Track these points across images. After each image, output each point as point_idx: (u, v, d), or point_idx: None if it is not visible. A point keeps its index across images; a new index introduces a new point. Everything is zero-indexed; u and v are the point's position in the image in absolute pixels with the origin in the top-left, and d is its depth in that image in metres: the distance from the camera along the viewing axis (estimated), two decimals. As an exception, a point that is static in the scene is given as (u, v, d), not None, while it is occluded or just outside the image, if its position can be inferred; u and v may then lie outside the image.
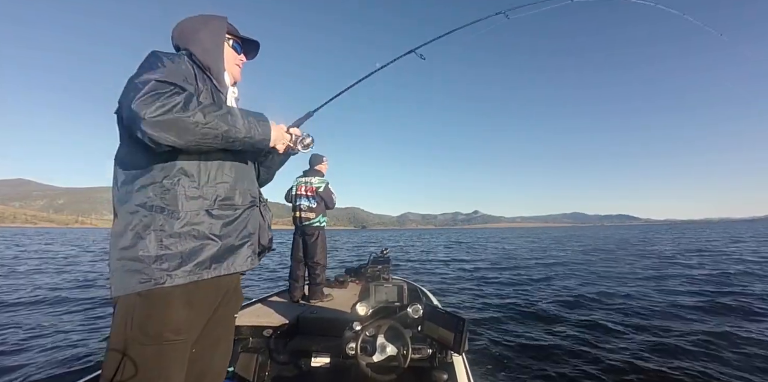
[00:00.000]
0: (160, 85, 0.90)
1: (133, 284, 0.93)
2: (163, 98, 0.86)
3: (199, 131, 0.91)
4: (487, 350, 3.75)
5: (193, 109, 0.89)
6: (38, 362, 3.44)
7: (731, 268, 9.36)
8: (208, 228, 1.02)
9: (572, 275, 8.93)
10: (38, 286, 7.68)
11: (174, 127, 0.87)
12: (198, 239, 1.00)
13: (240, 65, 1.28)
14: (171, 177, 0.99)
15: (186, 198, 0.99)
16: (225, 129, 0.95)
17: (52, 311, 5.49)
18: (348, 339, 1.83)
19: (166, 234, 0.96)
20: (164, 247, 0.95)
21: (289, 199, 3.78)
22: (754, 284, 7.21)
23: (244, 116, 1.01)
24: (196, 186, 1.02)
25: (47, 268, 11.04)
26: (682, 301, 5.79)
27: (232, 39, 1.24)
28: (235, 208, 1.10)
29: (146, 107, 0.84)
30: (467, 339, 1.67)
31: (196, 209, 1.01)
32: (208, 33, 1.15)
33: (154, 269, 0.93)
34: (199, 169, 1.04)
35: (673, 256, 13.47)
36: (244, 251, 1.12)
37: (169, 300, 0.96)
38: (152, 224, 0.95)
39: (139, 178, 0.99)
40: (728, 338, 3.93)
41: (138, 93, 0.86)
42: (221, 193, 1.07)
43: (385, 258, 4.32)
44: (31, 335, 4.27)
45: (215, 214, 1.04)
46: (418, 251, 19.56)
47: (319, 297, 3.47)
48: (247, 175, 1.19)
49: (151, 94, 0.86)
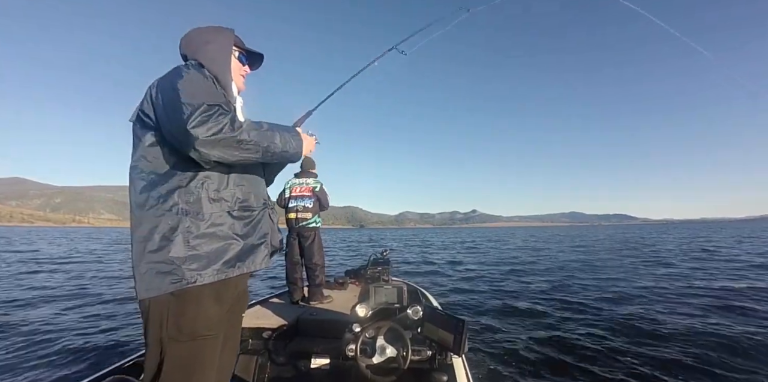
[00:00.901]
0: (210, 107, 0.97)
1: (166, 284, 0.98)
2: (212, 119, 0.95)
3: (244, 148, 1.01)
4: (487, 351, 3.75)
5: (239, 129, 0.99)
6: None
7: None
8: (231, 228, 1.08)
9: (574, 277, 8.93)
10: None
11: (224, 145, 0.97)
12: (223, 239, 1.06)
13: (244, 76, 1.33)
14: (195, 182, 1.05)
15: (209, 201, 1.06)
16: (266, 145, 1.06)
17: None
18: (348, 341, 1.83)
19: (193, 236, 1.01)
20: (192, 248, 1.01)
21: (282, 202, 3.77)
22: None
23: (280, 132, 1.11)
24: (217, 189, 1.08)
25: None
26: (691, 302, 5.75)
27: (238, 51, 1.30)
28: (252, 209, 1.17)
29: (200, 129, 0.93)
30: (467, 341, 1.68)
31: (219, 210, 1.07)
32: (217, 45, 1.20)
33: (185, 270, 0.99)
34: (220, 175, 1.10)
35: (678, 256, 13.50)
36: (263, 250, 1.18)
37: (201, 298, 1.01)
38: (179, 226, 1.01)
39: (164, 184, 1.04)
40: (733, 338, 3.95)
41: (191, 115, 0.93)
42: (240, 195, 1.13)
43: (385, 260, 4.32)
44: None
45: (236, 215, 1.11)
46: (416, 252, 19.53)
47: (319, 299, 3.48)
48: (259, 179, 1.26)
49: (204, 116, 0.94)
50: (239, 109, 1.27)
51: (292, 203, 3.72)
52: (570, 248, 20.28)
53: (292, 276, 3.62)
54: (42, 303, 6.05)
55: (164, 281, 0.98)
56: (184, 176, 1.05)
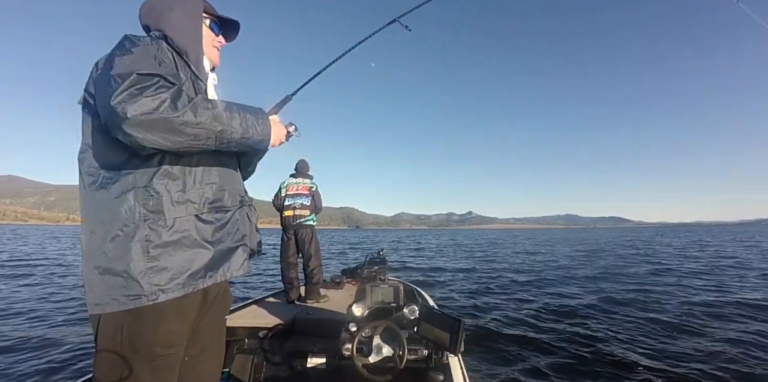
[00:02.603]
0: (143, 78, 0.79)
1: (121, 301, 0.84)
2: (147, 93, 0.76)
3: (190, 132, 0.81)
4: (483, 350, 3.76)
5: (182, 108, 0.79)
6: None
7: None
8: (199, 234, 0.93)
9: (571, 277, 8.98)
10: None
11: (161, 128, 0.77)
12: (189, 248, 0.91)
13: (218, 48, 1.16)
14: (154, 181, 0.88)
15: (172, 203, 0.90)
16: (219, 129, 0.85)
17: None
18: (344, 340, 1.83)
19: (153, 245, 0.86)
20: (152, 259, 0.86)
21: (279, 201, 3.77)
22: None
23: (241, 114, 0.90)
24: (181, 190, 0.92)
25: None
26: (688, 305, 5.77)
27: (209, 18, 1.12)
28: (226, 210, 1.02)
29: (129, 105, 0.74)
30: (463, 340, 1.68)
31: (185, 214, 0.91)
32: (184, 11, 1.02)
33: (144, 285, 0.84)
34: (185, 171, 0.94)
35: (678, 258, 13.58)
36: (239, 255, 1.04)
37: (161, 315, 0.88)
38: (136, 234, 0.85)
39: (116, 183, 0.88)
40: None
41: (118, 87, 0.75)
42: (209, 195, 0.97)
43: (382, 259, 4.33)
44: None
45: (205, 218, 0.96)
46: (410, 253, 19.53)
47: (315, 298, 3.47)
48: (234, 174, 1.10)
49: (134, 89, 0.76)
50: (212, 89, 1.11)
51: (289, 200, 3.72)
52: (570, 249, 20.33)
53: (288, 275, 3.61)
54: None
55: (118, 297, 0.84)
56: (141, 173, 0.88)
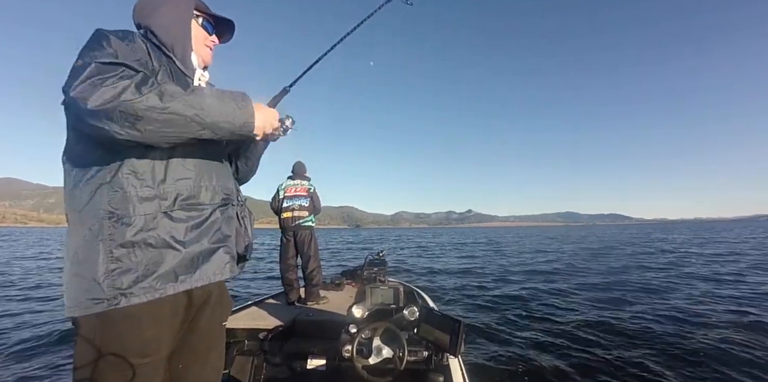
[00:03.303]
0: (105, 67, 0.76)
1: (86, 304, 0.80)
2: (108, 82, 0.73)
3: (158, 118, 0.75)
4: (483, 352, 3.76)
5: (147, 93, 0.74)
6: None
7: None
8: (167, 233, 0.87)
9: (571, 277, 8.97)
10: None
11: (125, 116, 0.73)
12: (156, 248, 0.85)
13: (211, 47, 1.13)
14: (119, 176, 0.84)
15: (138, 199, 0.84)
16: (191, 113, 0.79)
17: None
18: (344, 341, 1.83)
19: (116, 244, 0.81)
20: (115, 259, 0.81)
21: (277, 204, 3.77)
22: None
23: (217, 97, 0.84)
24: (150, 185, 0.86)
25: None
26: (691, 306, 5.70)
27: (201, 16, 1.09)
28: (202, 208, 0.95)
29: (89, 94, 0.71)
30: (463, 341, 1.68)
31: (152, 211, 0.85)
32: (172, 7, 1.01)
33: (105, 288, 0.79)
34: (153, 165, 0.88)
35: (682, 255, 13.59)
36: (220, 257, 0.97)
37: (131, 321, 0.83)
38: (100, 233, 0.81)
39: (87, 180, 0.85)
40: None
41: (78, 78, 0.73)
42: (183, 191, 0.91)
43: (381, 260, 4.32)
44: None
45: (176, 216, 0.89)
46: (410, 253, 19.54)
47: (315, 299, 3.47)
48: (216, 168, 1.03)
49: (94, 79, 0.73)
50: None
51: (287, 202, 3.71)
52: (570, 248, 20.34)
53: (287, 277, 3.61)
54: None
55: (84, 301, 0.80)
56: (108, 169, 0.84)
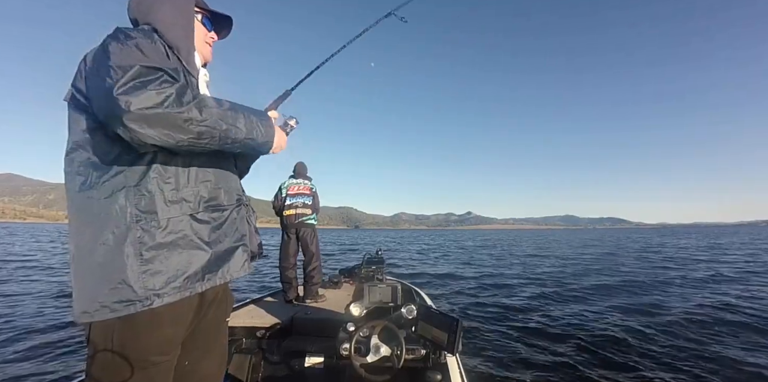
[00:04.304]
0: (147, 71, 0.76)
1: (113, 307, 0.80)
2: (152, 86, 0.73)
3: (194, 130, 0.78)
4: (481, 350, 3.77)
5: (188, 104, 0.76)
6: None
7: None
8: (195, 235, 0.90)
9: (570, 278, 8.98)
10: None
11: (165, 123, 0.74)
12: (185, 249, 0.87)
13: (210, 44, 1.13)
14: (146, 179, 0.85)
15: (166, 203, 0.86)
16: (224, 128, 0.83)
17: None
18: (342, 340, 1.83)
19: (146, 247, 0.82)
20: (146, 262, 0.82)
21: (280, 202, 3.76)
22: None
23: (246, 114, 0.89)
24: (175, 188, 0.88)
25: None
26: (690, 308, 5.68)
27: (201, 13, 1.09)
28: (223, 209, 0.98)
29: (133, 97, 0.71)
30: (461, 340, 1.68)
31: (179, 214, 0.88)
32: (174, 5, 0.99)
33: (138, 289, 0.80)
34: (178, 169, 0.90)
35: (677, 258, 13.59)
36: (239, 255, 1.01)
37: (155, 321, 0.85)
38: (128, 235, 0.81)
39: (107, 182, 0.84)
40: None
41: (120, 79, 0.72)
42: (204, 193, 0.94)
43: (379, 259, 4.32)
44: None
45: (201, 218, 0.92)
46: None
47: (314, 298, 3.47)
48: (230, 171, 1.07)
49: (137, 81, 0.73)
50: (203, 85, 1.07)
51: (290, 200, 3.71)
52: (571, 250, 20.32)
53: (286, 275, 3.61)
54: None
55: (109, 304, 0.80)
56: (132, 172, 0.84)
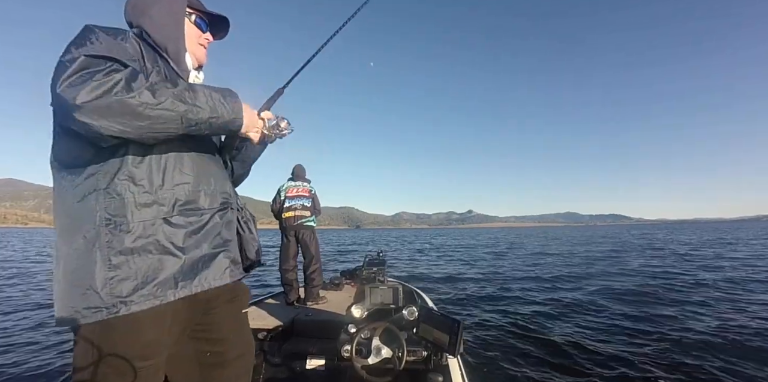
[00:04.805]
0: (93, 61, 0.73)
1: (83, 313, 0.79)
2: (97, 77, 0.70)
3: (150, 114, 0.74)
4: (482, 352, 3.75)
5: (138, 88, 0.73)
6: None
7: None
8: (167, 240, 0.86)
9: (572, 278, 8.95)
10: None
11: (117, 111, 0.71)
12: (155, 254, 0.84)
13: (205, 45, 1.11)
14: (116, 181, 0.83)
15: (137, 206, 0.83)
16: (183, 109, 0.79)
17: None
18: (343, 341, 1.83)
19: (114, 251, 0.80)
20: (114, 267, 0.80)
21: (278, 205, 3.76)
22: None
23: (206, 92, 0.84)
24: (148, 191, 0.85)
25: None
26: (697, 308, 5.63)
27: (195, 14, 1.07)
28: (201, 212, 0.94)
29: (77, 90, 0.69)
30: (462, 341, 1.68)
31: (151, 217, 0.85)
32: (164, 6, 0.98)
33: (104, 296, 0.78)
34: (151, 169, 0.87)
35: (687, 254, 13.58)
36: (220, 262, 0.96)
37: (132, 327, 0.82)
38: (97, 240, 0.80)
39: (78, 186, 0.83)
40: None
41: (65, 73, 0.70)
42: (181, 196, 0.90)
43: (381, 260, 4.32)
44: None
45: (175, 222, 0.88)
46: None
47: (315, 299, 3.47)
48: (214, 172, 1.02)
49: (82, 73, 0.70)
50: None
51: (289, 202, 3.71)
52: (587, 252, 20.31)
53: (287, 277, 3.61)
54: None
55: (80, 310, 0.79)
56: (103, 174, 0.83)
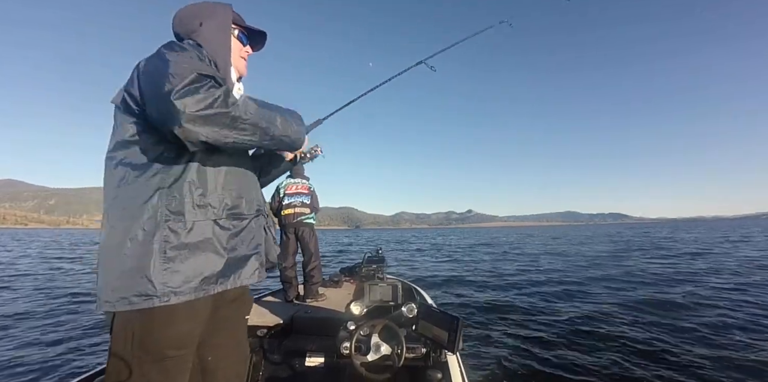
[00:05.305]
0: (201, 77, 0.84)
1: (133, 301, 0.86)
2: (203, 91, 0.82)
3: (240, 127, 0.87)
4: (481, 349, 3.76)
5: (233, 104, 0.85)
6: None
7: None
8: (215, 240, 0.96)
9: (572, 275, 8.97)
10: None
11: (216, 122, 0.83)
12: (204, 252, 0.94)
13: (245, 58, 1.20)
14: (179, 183, 0.92)
15: (193, 206, 0.93)
16: (265, 126, 0.93)
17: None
18: (342, 339, 1.82)
19: (171, 246, 0.89)
20: (169, 260, 0.88)
21: (276, 203, 3.75)
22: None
23: (281, 113, 0.99)
24: (203, 193, 0.95)
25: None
26: (696, 305, 5.68)
27: (237, 29, 1.16)
28: (243, 218, 1.05)
29: (188, 100, 0.79)
30: (462, 338, 1.67)
31: (204, 218, 0.95)
32: (214, 23, 1.07)
33: (157, 285, 0.86)
34: (208, 176, 0.98)
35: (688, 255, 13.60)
36: (252, 264, 1.06)
37: (172, 317, 0.90)
38: (156, 233, 0.88)
39: (143, 182, 0.91)
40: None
41: (178, 84, 0.80)
42: (228, 201, 1.01)
43: (380, 257, 4.31)
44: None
45: (222, 224, 0.99)
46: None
47: (314, 297, 3.46)
48: (252, 182, 1.14)
49: (192, 87, 0.81)
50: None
51: (288, 199, 3.70)
52: (572, 247, 20.33)
53: (286, 274, 3.60)
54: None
55: (130, 297, 0.86)
56: (168, 175, 0.92)
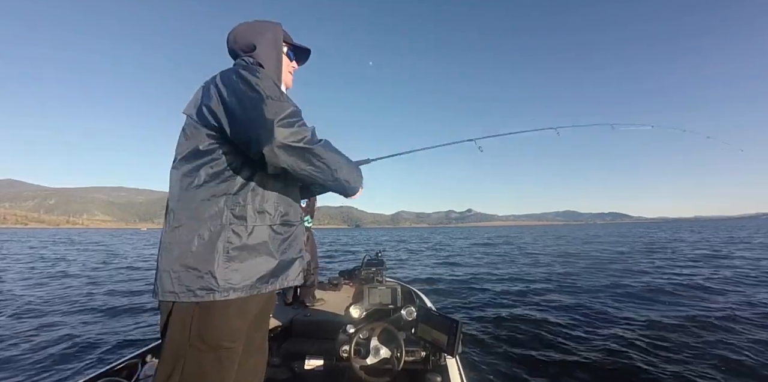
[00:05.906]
0: (297, 113, 0.98)
1: (197, 293, 0.94)
2: (298, 125, 0.96)
3: (316, 164, 1.00)
4: (481, 352, 3.75)
5: (317, 143, 0.99)
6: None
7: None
8: (271, 243, 1.06)
9: (572, 278, 8.94)
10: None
11: (299, 155, 0.96)
12: (260, 254, 1.04)
13: (292, 72, 1.31)
14: (243, 191, 1.03)
15: (254, 212, 1.04)
16: (334, 169, 1.06)
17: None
18: (341, 342, 1.83)
19: (233, 246, 0.98)
20: (231, 259, 0.98)
21: None
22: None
23: (348, 162, 1.13)
24: (262, 201, 1.06)
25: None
26: (700, 310, 5.70)
27: (286, 46, 1.26)
28: (291, 224, 1.15)
29: (286, 130, 0.93)
30: (461, 341, 1.67)
31: (261, 223, 1.05)
32: (270, 41, 1.18)
33: (220, 280, 0.95)
34: (266, 186, 1.08)
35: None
36: (296, 267, 1.17)
37: (228, 311, 0.98)
38: (221, 234, 0.98)
39: (212, 187, 1.01)
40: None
41: (280, 114, 0.93)
42: (282, 209, 1.12)
43: (379, 260, 4.30)
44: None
45: (276, 230, 1.09)
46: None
47: (313, 300, 3.46)
48: (297, 195, 1.25)
49: (291, 119, 0.95)
50: None
51: None
52: (572, 246, 20.33)
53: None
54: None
55: (194, 289, 0.94)
56: (234, 183, 1.02)
